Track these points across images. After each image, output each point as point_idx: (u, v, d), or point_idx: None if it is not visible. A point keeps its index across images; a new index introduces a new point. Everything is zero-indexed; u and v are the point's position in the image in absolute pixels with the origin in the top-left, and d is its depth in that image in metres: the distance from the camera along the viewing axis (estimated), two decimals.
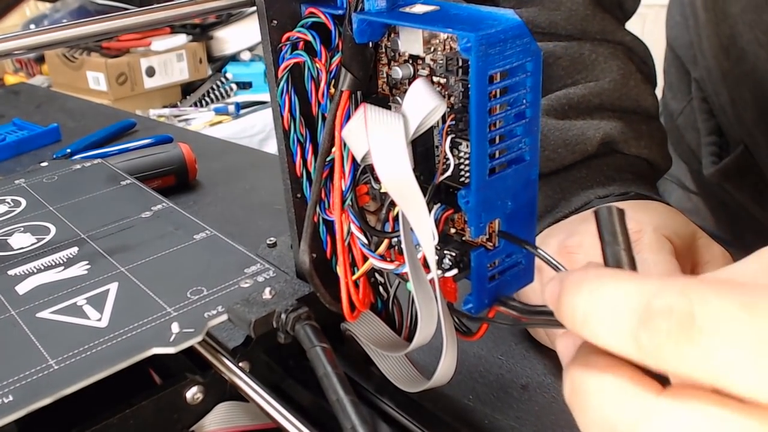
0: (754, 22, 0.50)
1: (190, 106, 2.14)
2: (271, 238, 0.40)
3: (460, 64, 0.26)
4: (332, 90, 0.30)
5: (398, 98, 0.30)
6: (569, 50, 0.48)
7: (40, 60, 2.20)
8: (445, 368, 0.30)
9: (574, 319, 0.20)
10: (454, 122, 0.27)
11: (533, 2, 0.49)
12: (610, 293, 0.19)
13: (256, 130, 2.01)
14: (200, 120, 2.01)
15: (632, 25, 0.53)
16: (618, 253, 0.21)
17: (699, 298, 0.18)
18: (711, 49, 0.55)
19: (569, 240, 0.40)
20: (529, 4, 0.49)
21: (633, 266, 0.21)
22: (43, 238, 0.43)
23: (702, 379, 0.18)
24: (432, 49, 0.28)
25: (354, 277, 0.32)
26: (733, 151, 0.59)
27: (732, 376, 0.17)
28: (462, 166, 0.28)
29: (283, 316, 0.32)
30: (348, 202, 0.30)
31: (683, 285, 0.18)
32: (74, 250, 0.41)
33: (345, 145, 0.29)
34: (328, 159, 0.31)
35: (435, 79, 0.28)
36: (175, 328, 0.33)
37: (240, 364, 0.34)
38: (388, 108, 0.28)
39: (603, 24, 0.49)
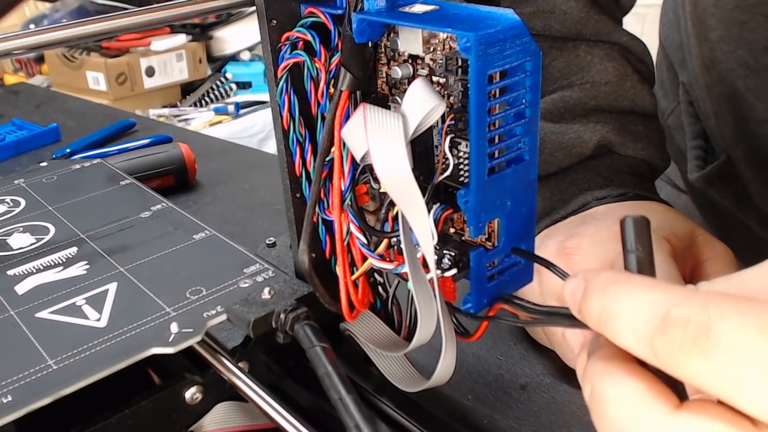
0: (731, 53, 0.50)
1: (190, 106, 2.14)
2: (271, 238, 0.40)
3: (460, 63, 0.26)
4: (331, 90, 0.30)
5: (398, 98, 0.30)
6: (564, 52, 0.48)
7: (40, 60, 2.20)
8: (444, 368, 0.30)
9: (599, 318, 0.21)
10: (453, 122, 0.27)
11: (528, 4, 0.49)
12: (635, 297, 0.20)
13: (256, 130, 2.01)
14: (200, 120, 2.01)
15: (631, 26, 0.52)
16: (641, 260, 0.22)
17: (717, 313, 0.18)
18: (696, 59, 0.56)
19: (568, 242, 0.40)
20: (523, 7, 0.49)
21: (653, 275, 0.22)
22: (43, 238, 0.43)
23: (710, 391, 0.18)
24: (431, 49, 0.28)
25: (353, 277, 0.32)
26: (717, 158, 0.59)
27: (741, 393, 0.18)
28: (461, 166, 0.28)
29: (283, 316, 0.32)
30: (347, 201, 0.30)
31: (705, 298, 0.19)
32: (73, 250, 0.41)
33: (344, 144, 0.29)
34: (327, 159, 0.31)
35: (434, 78, 0.28)
36: (174, 328, 0.33)
37: (239, 364, 0.34)
38: (388, 108, 0.28)
39: (598, 25, 0.48)
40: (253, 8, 0.31)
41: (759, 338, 0.18)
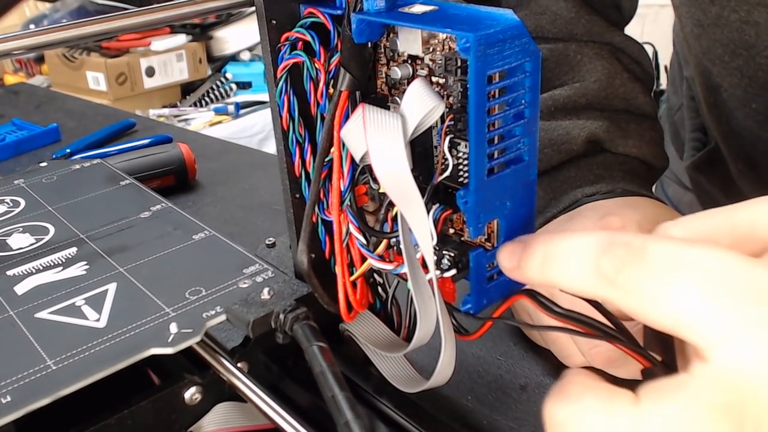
0: (686, 13, 0.51)
1: (190, 106, 2.14)
2: (270, 239, 0.40)
3: (459, 64, 0.26)
4: (331, 90, 0.30)
5: (397, 98, 0.30)
6: (555, 52, 0.49)
7: (40, 60, 2.20)
8: (444, 368, 0.30)
9: (542, 265, 0.22)
10: (452, 122, 0.27)
11: (520, 7, 0.49)
12: (578, 239, 0.22)
13: (256, 130, 2.01)
14: (200, 120, 2.01)
15: (632, 26, 0.53)
16: None
17: (653, 237, 0.21)
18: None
19: None
20: (516, 9, 0.49)
21: None
22: (42, 239, 0.43)
23: (651, 306, 0.20)
24: (431, 49, 0.28)
25: (352, 278, 0.32)
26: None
27: (675, 295, 0.20)
28: (461, 167, 0.28)
29: (282, 316, 0.32)
30: (347, 202, 0.30)
31: (642, 233, 0.21)
32: (73, 250, 0.41)
33: (344, 145, 0.29)
34: (326, 159, 0.31)
35: (434, 79, 0.28)
36: (173, 328, 0.33)
37: (238, 365, 0.34)
38: (387, 108, 0.28)
39: (589, 26, 0.49)
40: (253, 8, 0.31)
41: (688, 249, 0.20)
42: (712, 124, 0.57)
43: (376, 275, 0.34)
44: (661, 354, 0.23)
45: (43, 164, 0.55)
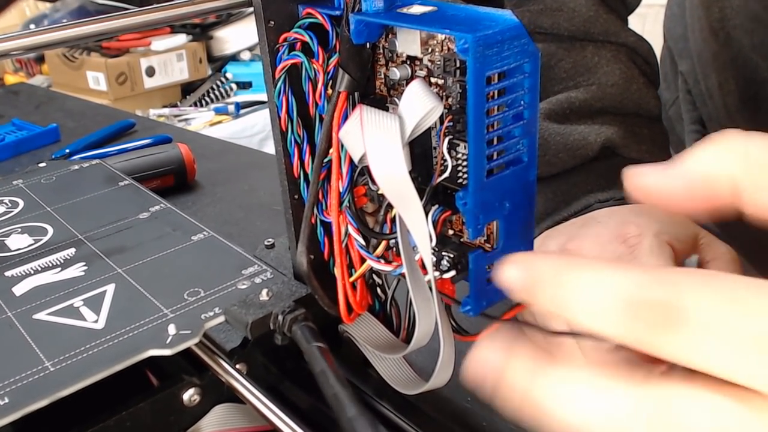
0: (740, 7, 0.51)
1: (190, 106, 2.14)
2: (269, 240, 0.40)
3: (458, 65, 0.26)
4: (329, 91, 0.30)
5: (396, 99, 0.30)
6: (572, 52, 0.48)
7: (40, 60, 2.20)
8: (443, 370, 0.30)
9: (553, 296, 0.20)
10: (451, 123, 0.27)
11: (536, 2, 0.49)
12: (595, 283, 0.19)
13: (256, 130, 2.01)
14: (200, 120, 2.01)
15: (632, 25, 0.52)
16: None
17: (687, 288, 0.18)
18: (701, 31, 0.56)
19: (570, 244, 0.40)
20: (531, 5, 0.49)
21: None
22: (41, 239, 0.43)
23: (694, 366, 0.18)
24: (430, 50, 0.28)
25: (351, 279, 0.32)
26: None
27: (724, 365, 0.18)
28: (460, 168, 0.28)
29: (281, 317, 0.32)
30: (345, 203, 0.30)
31: (669, 274, 0.18)
32: (71, 251, 0.41)
33: (342, 146, 0.29)
34: (325, 160, 0.31)
35: (433, 80, 0.28)
36: (171, 329, 0.33)
37: (237, 366, 0.34)
38: (386, 109, 0.28)
39: (606, 25, 0.48)
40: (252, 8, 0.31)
41: (731, 310, 0.17)
42: (743, 116, 0.56)
43: (375, 276, 0.34)
44: None
45: (42, 164, 0.55)
